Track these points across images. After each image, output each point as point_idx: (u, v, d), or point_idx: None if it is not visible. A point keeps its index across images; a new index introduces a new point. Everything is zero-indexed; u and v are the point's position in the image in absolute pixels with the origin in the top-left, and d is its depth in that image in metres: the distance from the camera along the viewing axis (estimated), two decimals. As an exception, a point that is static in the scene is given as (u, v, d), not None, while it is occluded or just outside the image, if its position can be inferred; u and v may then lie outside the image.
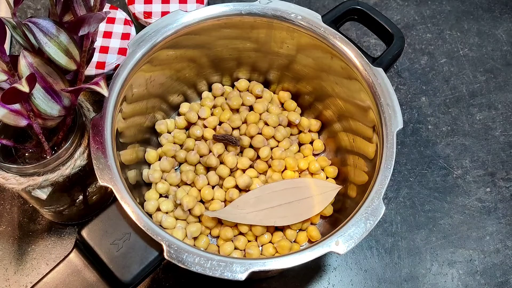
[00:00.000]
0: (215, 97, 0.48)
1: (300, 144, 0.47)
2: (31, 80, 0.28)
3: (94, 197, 0.42)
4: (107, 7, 0.47)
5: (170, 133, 0.46)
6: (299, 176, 0.45)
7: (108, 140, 0.34)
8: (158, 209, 0.41)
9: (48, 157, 0.34)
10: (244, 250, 0.41)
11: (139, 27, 0.48)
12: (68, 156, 0.34)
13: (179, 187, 0.43)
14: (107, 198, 0.44)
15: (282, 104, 0.48)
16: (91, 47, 0.33)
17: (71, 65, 0.32)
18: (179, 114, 0.48)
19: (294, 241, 0.42)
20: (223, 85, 0.49)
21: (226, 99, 0.46)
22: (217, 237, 0.42)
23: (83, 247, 0.33)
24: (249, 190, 0.42)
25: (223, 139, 0.43)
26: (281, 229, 0.42)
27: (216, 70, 0.47)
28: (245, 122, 0.45)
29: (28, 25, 0.30)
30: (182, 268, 0.31)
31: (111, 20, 0.47)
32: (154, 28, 0.39)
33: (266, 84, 0.49)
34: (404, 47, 0.41)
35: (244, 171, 0.44)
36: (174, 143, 0.45)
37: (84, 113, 0.37)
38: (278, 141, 0.45)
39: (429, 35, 0.58)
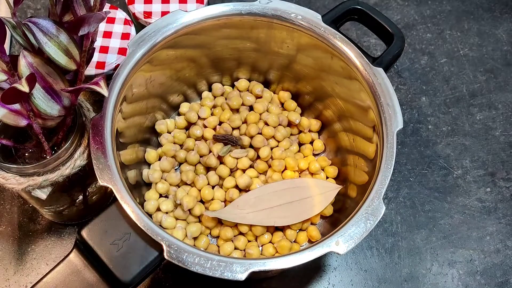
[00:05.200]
0: (215, 97, 0.48)
1: (300, 144, 0.47)
2: (31, 80, 0.28)
3: (94, 197, 0.42)
4: (107, 7, 0.47)
5: (170, 133, 0.46)
6: (299, 176, 0.45)
7: (108, 140, 0.34)
8: (158, 209, 0.41)
9: (48, 157, 0.34)
10: (244, 250, 0.41)
11: (139, 27, 0.48)
12: (68, 156, 0.34)
13: (179, 187, 0.43)
14: (107, 198, 0.44)
15: (282, 104, 0.48)
16: (91, 47, 0.33)
17: (71, 65, 0.32)
18: (179, 114, 0.48)
19: (294, 241, 0.42)
20: (223, 85, 0.49)
21: (226, 99, 0.46)
22: (217, 237, 0.42)
23: (83, 247, 0.33)
24: (249, 190, 0.42)
25: (223, 139, 0.43)
26: (281, 229, 0.42)
27: (216, 70, 0.47)
28: (245, 122, 0.45)
29: (28, 25, 0.30)
30: (182, 268, 0.31)
31: (111, 20, 0.47)
32: (154, 28, 0.39)
33: (266, 84, 0.49)
34: (404, 47, 0.41)
35: (244, 171, 0.44)
36: (174, 143, 0.45)
37: (84, 113, 0.37)
38: (278, 141, 0.45)
39: (429, 35, 0.58)
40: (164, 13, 0.47)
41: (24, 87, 0.28)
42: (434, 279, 0.44)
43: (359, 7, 0.42)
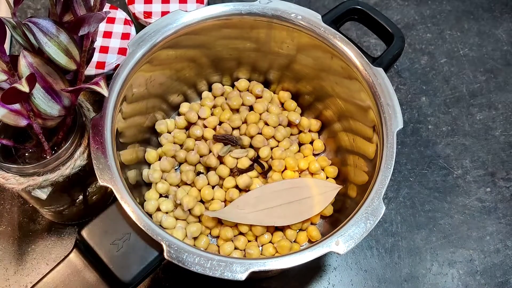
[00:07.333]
0: (215, 97, 0.48)
1: (300, 144, 0.47)
2: (31, 80, 0.28)
3: (94, 197, 0.42)
4: (107, 7, 0.47)
5: (170, 133, 0.46)
6: (299, 176, 0.45)
7: (108, 140, 0.34)
8: (158, 209, 0.41)
9: (48, 157, 0.34)
10: (244, 250, 0.41)
11: (139, 27, 0.48)
12: (68, 156, 0.34)
13: (179, 187, 0.43)
14: (107, 198, 0.44)
15: (282, 104, 0.48)
16: (91, 47, 0.33)
17: (71, 65, 0.32)
18: (179, 114, 0.48)
19: (294, 241, 0.42)
20: (223, 85, 0.49)
21: (226, 99, 0.46)
22: (217, 237, 0.42)
23: (83, 247, 0.33)
24: (249, 190, 0.42)
25: (223, 139, 0.43)
26: (281, 229, 0.42)
27: (216, 70, 0.47)
28: (245, 122, 0.45)
29: (28, 25, 0.30)
30: (182, 268, 0.31)
31: (111, 20, 0.47)
32: (154, 28, 0.39)
33: (266, 84, 0.49)
34: (404, 47, 0.41)
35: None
36: (174, 143, 0.45)
37: (84, 113, 0.37)
38: (278, 141, 0.45)
39: (429, 35, 0.58)
40: (164, 13, 0.47)
41: (24, 87, 0.28)
42: (434, 279, 0.44)
43: (359, 7, 0.42)
